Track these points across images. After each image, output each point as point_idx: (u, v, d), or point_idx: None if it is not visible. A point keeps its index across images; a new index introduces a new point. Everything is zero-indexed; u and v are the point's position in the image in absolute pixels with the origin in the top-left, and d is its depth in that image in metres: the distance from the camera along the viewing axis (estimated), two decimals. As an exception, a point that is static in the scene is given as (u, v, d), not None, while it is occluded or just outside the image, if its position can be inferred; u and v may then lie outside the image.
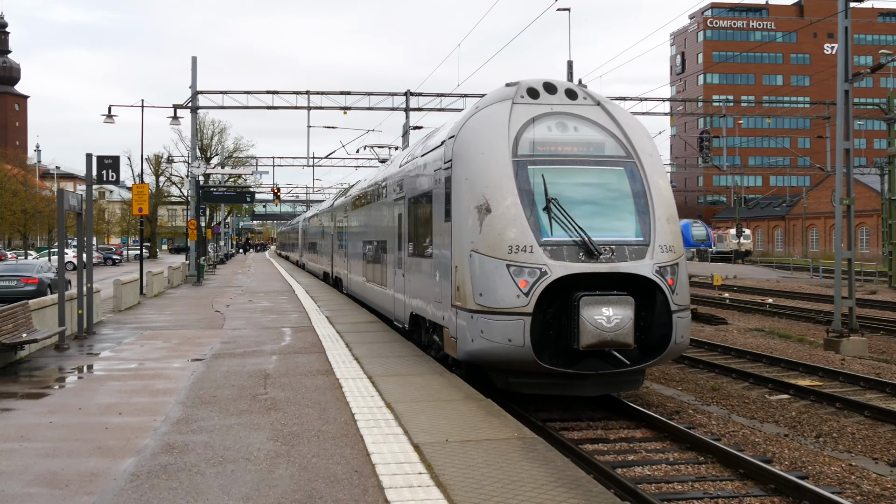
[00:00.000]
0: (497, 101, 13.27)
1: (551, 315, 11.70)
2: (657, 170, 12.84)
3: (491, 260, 11.75)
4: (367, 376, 13.00)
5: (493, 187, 12.11)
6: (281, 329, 20.20)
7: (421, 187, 15.41)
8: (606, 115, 13.34)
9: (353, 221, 27.45)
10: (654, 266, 11.91)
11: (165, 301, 30.54)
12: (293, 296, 31.80)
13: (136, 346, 17.46)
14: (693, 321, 30.56)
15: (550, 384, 12.16)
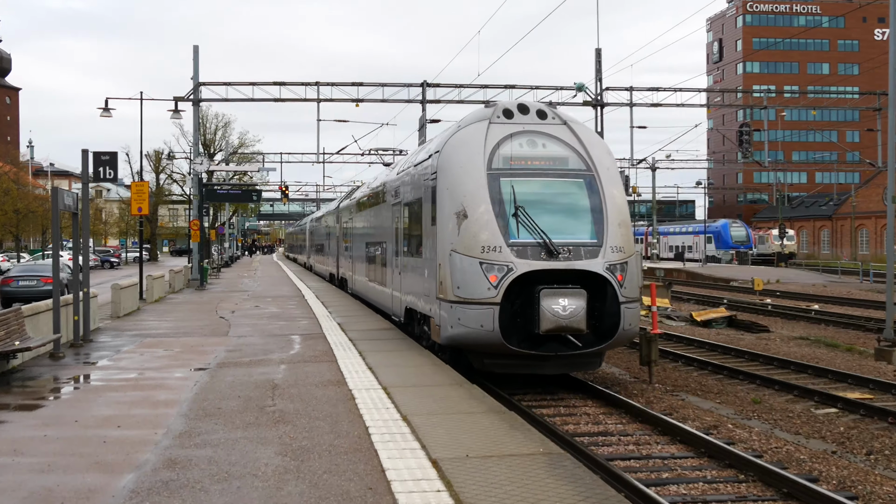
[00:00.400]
0: (476, 120, 16.78)
1: (518, 305, 15.01)
2: (613, 181, 16.14)
3: (467, 258, 15.22)
4: (381, 387, 13.03)
5: (470, 196, 15.57)
6: (290, 337, 20.27)
7: (413, 195, 18.92)
8: (571, 133, 16.67)
9: (357, 224, 31.30)
10: (605, 264, 15.22)
11: (167, 307, 30.71)
12: (302, 301, 31.90)
13: (135, 354, 17.57)
14: (732, 328, 30.45)
15: (518, 364, 15.45)
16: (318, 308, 28.40)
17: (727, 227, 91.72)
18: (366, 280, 28.04)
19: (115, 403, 12.16)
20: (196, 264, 43.95)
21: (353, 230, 32.44)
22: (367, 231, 28.22)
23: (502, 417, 10.75)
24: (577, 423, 14.43)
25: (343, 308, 28.26)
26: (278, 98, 45.26)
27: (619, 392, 17.25)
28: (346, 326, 22.17)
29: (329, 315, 25.67)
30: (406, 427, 10.25)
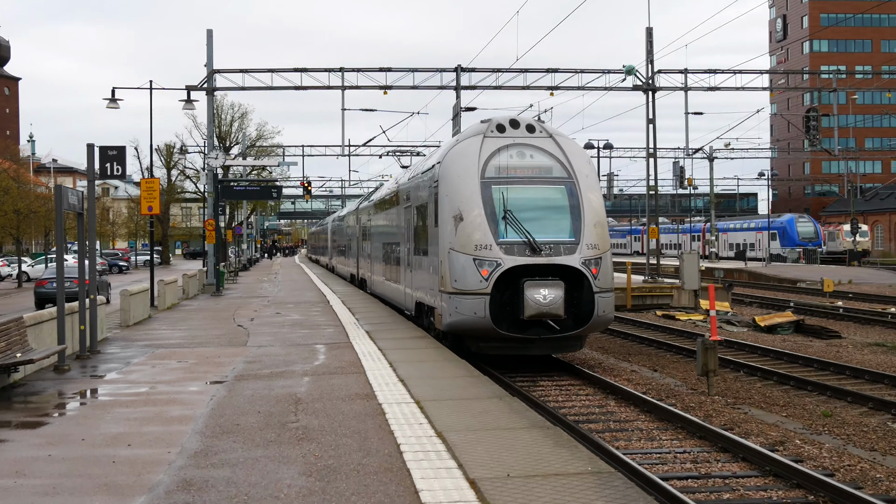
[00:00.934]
0: (472, 135, 21.29)
1: (507, 295, 19.40)
2: (591, 187, 20.62)
3: (462, 255, 19.67)
4: (414, 401, 13.06)
5: (465, 201, 20.06)
6: (314, 346, 20.37)
7: (421, 199, 23.39)
8: (556, 145, 21.15)
9: (374, 225, 35.74)
10: (581, 259, 19.60)
11: (180, 314, 30.96)
12: (327, 307, 32.04)
13: (146, 366, 17.73)
14: (800, 334, 30.22)
15: (507, 346, 19.83)
16: (345, 314, 28.51)
17: (793, 223, 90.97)
18: (383, 279, 32.49)
19: (125, 420, 12.28)
20: (211, 268, 44.30)
21: (371, 231, 36.69)
22: (383, 232, 32.49)
23: (546, 433, 10.74)
24: (629, 439, 14.39)
25: (372, 314, 28.35)
26: (299, 86, 45.46)
27: (674, 405, 17.18)
28: (376, 335, 22.24)
29: (356, 322, 25.76)
30: (441, 444, 10.26)
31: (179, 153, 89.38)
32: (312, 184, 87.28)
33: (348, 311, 30.07)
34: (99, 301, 21.20)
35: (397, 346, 19.85)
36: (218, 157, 44.83)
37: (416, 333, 22.51)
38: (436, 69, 46.22)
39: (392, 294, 29.66)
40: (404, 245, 26.43)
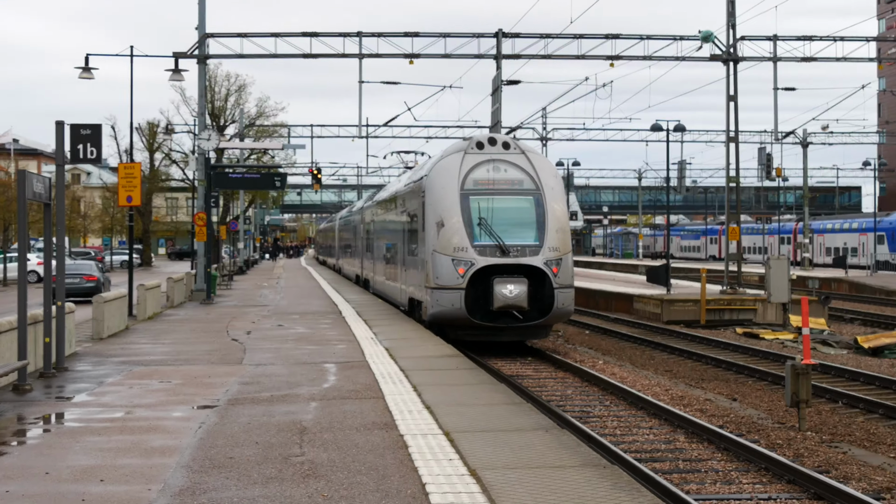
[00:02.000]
0: (455, 151, 29.91)
1: (480, 290, 27.53)
2: (555, 197, 29.02)
3: (443, 256, 27.94)
4: (442, 432, 13.06)
5: (446, 210, 28.38)
6: (322, 365, 20.41)
7: (412, 206, 32.05)
8: (527, 160, 29.49)
9: (376, 226, 44.82)
10: (544, 260, 27.78)
11: (163, 325, 31.13)
12: (339, 319, 32.12)
13: (122, 387, 17.81)
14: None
15: (481, 334, 28.30)
16: (360, 328, 28.58)
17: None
18: (384, 279, 41.07)
19: (97, 451, 12.34)
20: (201, 271, 44.47)
21: (373, 232, 45.84)
22: (383, 233, 41.61)
23: (602, 473, 10.71)
24: (702, 482, 14.33)
25: (392, 329, 28.40)
26: (308, 53, 45.52)
27: (757, 441, 17.09)
28: (397, 352, 22.27)
29: (374, 337, 25.81)
30: (475, 485, 10.26)
31: (165, 133, 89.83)
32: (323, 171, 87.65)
33: (364, 323, 30.13)
34: (68, 309, 21.31)
35: (423, 366, 19.87)
36: (210, 137, 45.00)
37: (445, 350, 22.64)
38: (472, 34, 46.11)
39: (390, 292, 38.76)
40: (399, 246, 35.32)
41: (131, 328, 29.90)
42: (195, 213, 47.45)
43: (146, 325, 31.30)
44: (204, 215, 44.96)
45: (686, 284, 52.57)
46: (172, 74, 44.82)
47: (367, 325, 29.79)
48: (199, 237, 45.64)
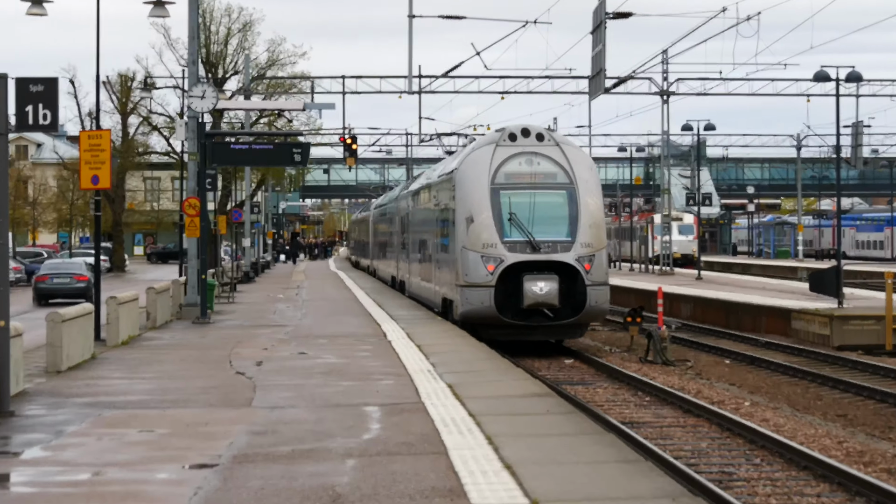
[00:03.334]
0: (486, 144, 38.59)
1: (511, 288, 35.52)
2: (590, 192, 36.84)
3: (472, 253, 36.11)
4: (530, 501, 13.00)
5: (476, 205, 36.70)
6: (362, 408, 20.41)
7: (444, 201, 40.24)
8: (562, 153, 37.12)
9: (412, 220, 53.56)
10: (576, 256, 35.58)
11: (143, 353, 31.25)
12: (383, 343, 32.15)
13: (89, 438, 17.87)
14: None
15: (512, 332, 36.41)
16: (412, 356, 28.55)
17: None
18: (419, 280, 49.42)
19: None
20: (194, 278, 44.52)
21: (410, 226, 54.42)
22: (419, 228, 50.22)
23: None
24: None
25: (455, 358, 28.38)
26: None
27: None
28: (464, 390, 22.20)
29: (431, 369, 25.77)
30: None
31: (143, 89, 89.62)
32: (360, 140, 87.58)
33: (417, 349, 30.10)
34: (14, 331, 21.38)
35: (500, 409, 19.87)
36: (205, 95, 45.08)
37: (529, 388, 22.60)
38: (566, -51, 46.01)
39: (425, 293, 47.27)
40: (433, 243, 44.18)
41: (100, 357, 29.97)
42: (184, 198, 47.56)
43: (120, 352, 31.40)
44: (197, 202, 44.99)
45: (865, 295, 52.07)
46: (154, 8, 44.88)
47: (420, 351, 29.74)
48: (191, 232, 45.66)
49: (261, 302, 54.21)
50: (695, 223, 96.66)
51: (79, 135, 41.35)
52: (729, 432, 23.99)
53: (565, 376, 33.53)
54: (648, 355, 36.41)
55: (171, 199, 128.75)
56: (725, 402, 28.13)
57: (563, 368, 35.28)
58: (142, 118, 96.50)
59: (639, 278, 74.45)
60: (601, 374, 33.90)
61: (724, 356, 39.34)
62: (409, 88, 58.17)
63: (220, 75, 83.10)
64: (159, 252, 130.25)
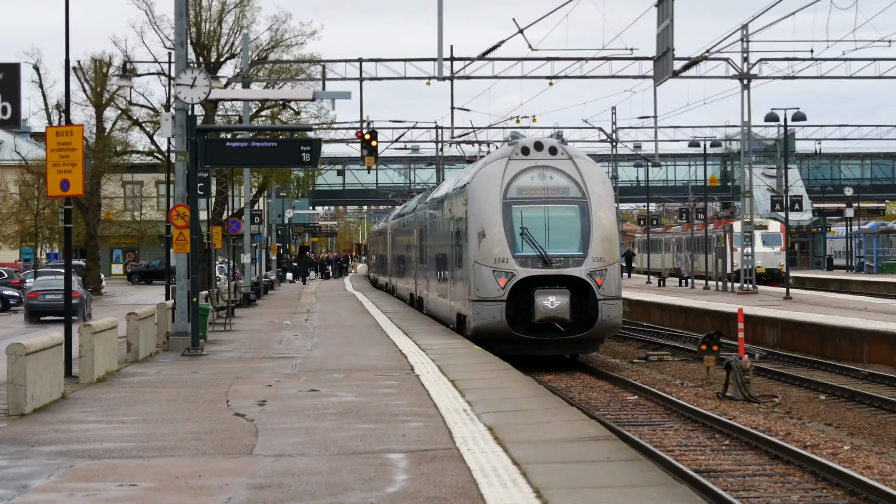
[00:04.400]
0: (498, 158, 46.87)
1: (523, 302, 43.46)
2: (602, 206, 44.86)
3: (484, 267, 44.32)
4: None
5: (487, 220, 44.76)
6: (385, 456, 20.41)
7: (457, 215, 49.06)
8: (574, 167, 45.09)
9: (429, 233, 61.73)
10: (587, 271, 43.49)
11: (123, 391, 31.28)
12: (410, 378, 32.17)
13: (59, 495, 17.88)
14: None
15: (524, 347, 44.23)
16: (444, 393, 28.57)
17: None
18: (436, 296, 57.48)
19: None
20: (184, 301, 44.66)
21: (427, 239, 62.59)
22: (435, 241, 57.86)
23: None
24: None
25: (498, 395, 28.40)
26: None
27: None
28: (507, 433, 22.18)
29: (468, 408, 25.77)
30: None
31: (121, 77, 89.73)
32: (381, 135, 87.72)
33: (451, 385, 30.12)
34: None
35: (548, 457, 19.88)
36: (196, 82, 45.17)
37: (584, 430, 22.52)
38: None
39: (442, 310, 54.79)
40: (449, 257, 51.48)
41: (72, 397, 30.04)
42: (171, 207, 47.69)
43: (96, 391, 31.45)
44: (186, 211, 45.14)
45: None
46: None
47: (455, 387, 29.75)
48: (179, 247, 45.81)
49: (264, 330, 54.36)
50: (782, 232, 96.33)
51: (45, 131, 41.44)
52: (825, 482, 23.92)
53: (628, 416, 33.50)
54: (727, 390, 36.29)
55: (156, 208, 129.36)
56: (820, 446, 28.07)
57: (626, 406, 35.25)
58: (120, 111, 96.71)
59: (715, 298, 74.50)
60: (671, 412, 33.83)
61: (818, 391, 39.23)
62: (440, 73, 58.09)
63: (213, 59, 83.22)
64: (142, 271, 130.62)
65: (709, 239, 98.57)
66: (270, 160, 51.78)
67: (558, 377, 41.98)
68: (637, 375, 40.83)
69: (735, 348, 38.71)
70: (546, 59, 73.62)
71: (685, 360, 48.02)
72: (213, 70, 79.88)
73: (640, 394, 37.15)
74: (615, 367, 46.15)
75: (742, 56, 79.25)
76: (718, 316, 58.76)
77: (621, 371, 44.49)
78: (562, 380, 41.56)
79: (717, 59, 77.07)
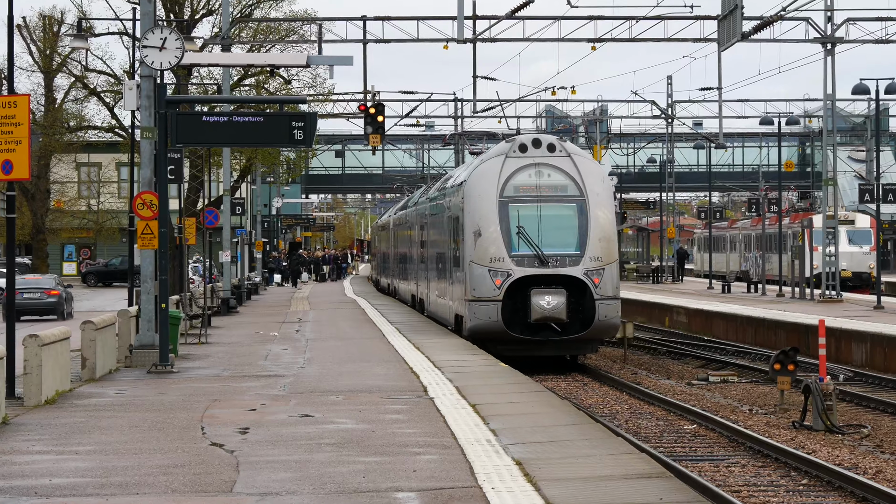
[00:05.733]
0: (495, 155, 56.85)
1: (519, 302, 53.18)
2: (600, 204, 54.63)
3: (480, 267, 54.09)
4: None
5: (484, 219, 54.59)
6: (391, 495, 20.52)
7: (454, 213, 59.41)
8: (573, 164, 54.74)
9: (429, 230, 70.74)
10: (584, 270, 52.95)
11: (77, 416, 31.28)
12: (422, 402, 32.27)
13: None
14: None
15: (520, 348, 53.64)
16: (463, 420, 28.59)
17: None
18: (436, 297, 65.21)
19: None
20: (150, 307, 44.73)
21: (427, 237, 71.10)
22: (434, 240, 66.85)
23: None
24: None
25: (529, 422, 28.46)
26: None
27: None
28: (538, 468, 22.24)
29: (492, 439, 25.81)
30: None
31: (75, 37, 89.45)
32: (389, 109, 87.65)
33: (471, 410, 30.16)
34: None
35: (594, 499, 19.88)
36: (166, 44, 45.20)
37: (633, 466, 22.50)
38: None
39: (441, 311, 63.05)
40: (445, 256, 59.64)
41: (14, 422, 30.08)
42: (136, 194, 47.75)
43: (44, 415, 31.48)
44: (154, 198, 45.21)
45: None
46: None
47: (476, 413, 29.75)
48: (145, 242, 45.83)
49: (246, 342, 54.51)
50: (872, 228, 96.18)
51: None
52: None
53: (685, 448, 33.58)
54: (805, 418, 36.30)
55: (117, 195, 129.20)
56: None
57: (683, 437, 35.33)
58: (74, 78, 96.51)
59: (791, 307, 74.45)
60: (737, 445, 33.85)
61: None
62: (460, 35, 58.17)
63: (186, 16, 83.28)
64: (100, 271, 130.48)
65: (783, 236, 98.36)
66: (255, 138, 51.71)
67: (603, 403, 41.96)
68: (696, 400, 40.69)
69: (815, 368, 38.71)
70: (588, 19, 73.82)
71: (754, 382, 48.28)
72: (187, 30, 79.94)
73: (699, 422, 37.16)
74: (669, 390, 46.18)
75: (825, 15, 79.01)
76: (795, 329, 58.87)
77: (676, 394, 44.45)
78: (606, 404, 41.56)
79: (795, 19, 76.98)
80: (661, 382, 49.33)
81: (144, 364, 42.91)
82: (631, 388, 45.85)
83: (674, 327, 79.26)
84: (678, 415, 38.70)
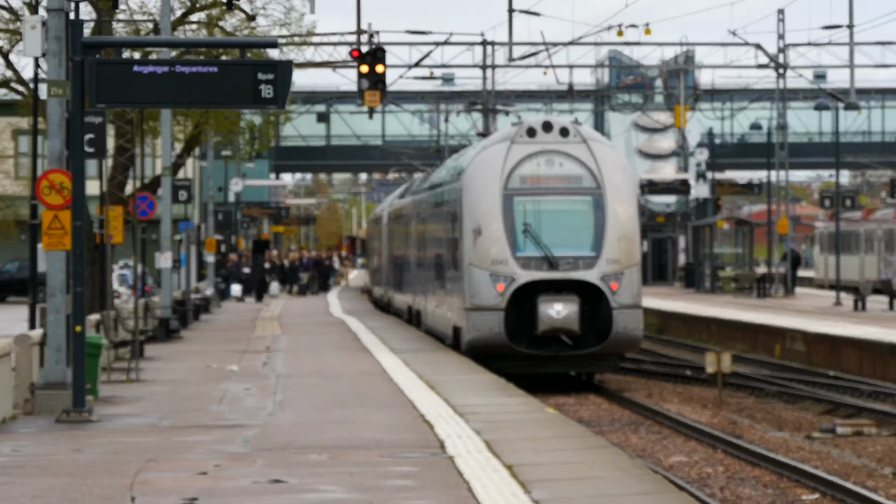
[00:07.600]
0: (498, 141, 74.22)
1: (525, 311, 68.63)
2: (620, 198, 70.64)
3: (480, 270, 69.49)
4: None
5: (485, 215, 70.20)
6: None
7: (451, 207, 77.74)
8: (589, 152, 70.34)
9: (426, 229, 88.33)
10: (600, 274, 68.69)
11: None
12: (437, 462, 32.20)
13: None
14: None
15: (527, 365, 69.14)
16: (495, 488, 28.54)
17: None
18: (434, 308, 79.23)
19: None
20: (60, 331, 44.84)
21: (424, 237, 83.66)
22: (431, 240, 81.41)
23: None
24: None
25: (586, 490, 28.48)
26: None
27: None
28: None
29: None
30: None
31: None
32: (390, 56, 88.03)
33: (506, 472, 30.15)
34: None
35: None
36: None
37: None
38: None
39: (439, 324, 72.80)
40: (445, 259, 71.07)
41: None
42: (41, 173, 47.92)
43: None
44: (66, 179, 45.38)
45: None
46: None
47: (513, 476, 29.71)
48: (53, 241, 46.01)
49: (194, 379, 54.75)
50: None
51: None
52: None
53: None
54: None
55: (14, 175, 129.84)
56: None
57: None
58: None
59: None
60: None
61: None
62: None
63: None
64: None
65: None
66: (207, 97, 51.31)
67: (690, 463, 41.98)
68: (818, 460, 40.81)
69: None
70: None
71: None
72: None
73: (823, 489, 37.04)
74: (781, 446, 46.19)
75: None
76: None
77: (791, 452, 44.50)
78: (694, 465, 41.63)
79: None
80: (769, 435, 49.34)
81: (52, 410, 42.84)
82: (728, 444, 45.50)
83: (787, 359, 79.92)
84: (794, 480, 38.68)
